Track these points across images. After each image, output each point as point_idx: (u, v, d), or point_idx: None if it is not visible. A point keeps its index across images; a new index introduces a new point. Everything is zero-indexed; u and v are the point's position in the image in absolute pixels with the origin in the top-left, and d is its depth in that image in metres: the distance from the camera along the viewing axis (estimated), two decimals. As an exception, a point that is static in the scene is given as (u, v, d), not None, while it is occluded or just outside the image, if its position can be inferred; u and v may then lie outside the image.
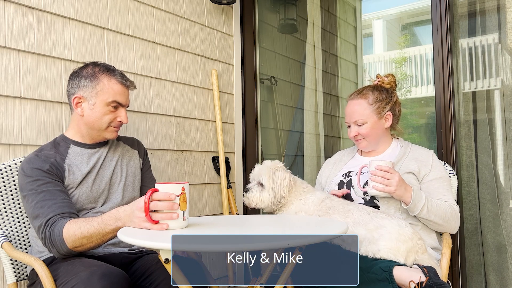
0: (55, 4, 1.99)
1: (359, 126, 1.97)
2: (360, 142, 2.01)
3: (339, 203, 1.77)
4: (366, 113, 1.95)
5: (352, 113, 1.98)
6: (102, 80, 1.70)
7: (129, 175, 1.84)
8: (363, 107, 1.96)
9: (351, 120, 1.98)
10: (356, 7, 3.92)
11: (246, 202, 1.84)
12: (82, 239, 1.47)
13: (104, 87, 1.70)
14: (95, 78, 1.70)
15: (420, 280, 1.43)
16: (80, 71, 1.74)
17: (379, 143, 2.03)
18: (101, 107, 1.70)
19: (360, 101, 1.97)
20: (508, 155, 2.36)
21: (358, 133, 1.97)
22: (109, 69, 1.74)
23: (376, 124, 1.97)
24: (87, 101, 1.71)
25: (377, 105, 1.96)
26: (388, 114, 1.99)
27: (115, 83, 1.72)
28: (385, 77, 2.05)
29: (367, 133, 1.96)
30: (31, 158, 1.64)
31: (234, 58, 2.99)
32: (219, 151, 2.76)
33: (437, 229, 1.85)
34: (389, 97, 1.99)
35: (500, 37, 2.44)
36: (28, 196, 1.56)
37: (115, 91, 1.71)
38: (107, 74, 1.72)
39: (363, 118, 1.95)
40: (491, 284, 2.35)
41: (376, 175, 1.75)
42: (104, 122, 1.72)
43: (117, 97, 1.72)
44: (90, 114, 1.71)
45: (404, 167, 1.91)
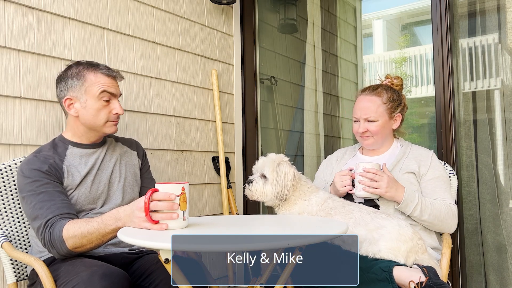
0: (55, 4, 1.99)
1: (370, 122, 1.95)
2: (367, 139, 1.99)
3: (341, 203, 1.77)
4: (379, 111, 1.95)
5: (365, 108, 1.96)
6: (88, 76, 1.70)
7: (128, 175, 1.83)
8: (377, 104, 1.95)
9: (362, 116, 1.96)
10: (356, 7, 3.92)
11: (248, 194, 1.80)
12: (82, 240, 1.47)
13: (92, 83, 1.70)
14: (81, 76, 1.70)
15: (420, 280, 1.43)
16: (65, 73, 1.73)
17: (384, 143, 2.03)
18: (93, 102, 1.70)
19: (375, 98, 1.96)
20: (508, 155, 2.36)
21: (367, 130, 1.96)
22: (93, 65, 1.74)
23: (386, 123, 1.97)
24: (78, 101, 1.70)
25: (390, 105, 1.96)
26: (398, 115, 1.99)
27: (101, 76, 1.71)
28: (394, 78, 2.04)
29: (376, 131, 1.96)
30: (30, 159, 1.64)
31: (234, 58, 2.99)
32: (219, 151, 2.76)
33: (433, 228, 1.85)
34: (399, 99, 2.00)
35: (500, 37, 2.44)
36: (27, 197, 1.56)
37: (102, 83, 1.71)
38: (92, 70, 1.72)
39: (376, 116, 1.94)
40: (491, 284, 2.35)
41: (366, 177, 1.75)
42: (101, 119, 1.72)
43: (106, 88, 1.71)
44: (85, 113, 1.71)
45: (405, 167, 1.92)
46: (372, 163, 1.80)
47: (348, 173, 1.89)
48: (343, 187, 1.87)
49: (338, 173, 1.92)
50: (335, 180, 1.92)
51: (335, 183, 1.91)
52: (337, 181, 1.91)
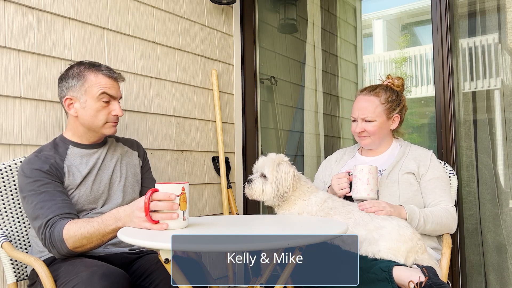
0: (55, 4, 1.99)
1: (367, 122, 1.96)
2: (364, 139, 2.00)
3: (340, 203, 1.77)
4: (377, 111, 1.95)
5: (362, 108, 1.96)
6: (89, 77, 1.70)
7: (128, 176, 1.83)
8: (374, 104, 1.95)
9: (360, 116, 1.97)
10: (356, 7, 3.92)
11: (247, 193, 1.80)
12: (82, 240, 1.47)
13: (92, 83, 1.70)
14: (81, 76, 1.70)
15: (419, 280, 1.43)
16: (67, 73, 1.74)
17: (382, 143, 2.03)
18: (93, 103, 1.70)
19: (373, 98, 1.96)
20: (508, 155, 2.36)
21: (364, 130, 1.96)
22: (94, 65, 1.74)
23: (384, 124, 1.97)
24: (78, 101, 1.70)
25: (388, 106, 1.96)
26: (396, 116, 1.99)
27: (102, 77, 1.71)
28: (395, 79, 2.04)
29: (374, 131, 1.96)
30: (30, 159, 1.64)
31: (234, 58, 2.99)
32: (219, 151, 2.76)
33: (435, 234, 1.85)
34: (398, 99, 2.00)
35: (500, 37, 2.44)
36: (28, 197, 1.56)
37: (103, 85, 1.71)
38: (93, 70, 1.72)
39: (373, 116, 1.94)
40: (491, 284, 2.35)
41: (370, 211, 1.71)
42: (100, 120, 1.72)
43: (106, 90, 1.71)
44: (84, 113, 1.71)
45: (404, 167, 1.92)
46: (368, 166, 1.80)
47: (346, 175, 1.89)
48: (341, 190, 1.88)
49: (335, 176, 1.93)
50: (332, 183, 1.93)
51: (333, 185, 1.92)
52: (334, 183, 1.91)
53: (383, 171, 1.94)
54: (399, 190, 1.86)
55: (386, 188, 1.88)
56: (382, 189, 1.88)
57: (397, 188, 1.87)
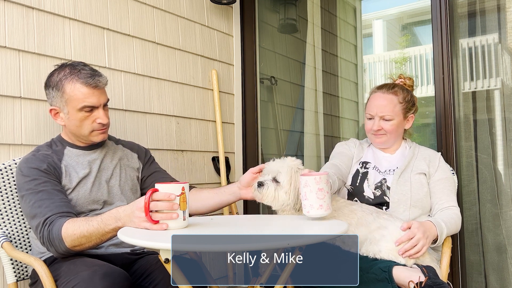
0: (55, 4, 1.99)
1: (385, 121, 1.93)
2: (381, 137, 1.96)
3: (344, 204, 1.76)
4: (396, 110, 1.93)
5: (382, 106, 1.92)
6: (66, 88, 1.63)
7: (128, 178, 1.83)
8: (394, 103, 1.93)
9: (378, 114, 1.92)
10: (356, 7, 3.92)
11: (257, 197, 1.67)
12: (81, 239, 1.47)
13: (71, 94, 1.63)
14: (60, 87, 1.64)
15: (419, 280, 1.43)
16: (49, 81, 1.68)
17: (394, 143, 2.02)
18: (75, 114, 1.65)
19: (391, 96, 1.94)
20: (508, 155, 2.36)
21: (381, 128, 1.94)
22: (73, 72, 1.65)
23: (400, 123, 1.96)
24: (62, 111, 1.67)
25: (405, 105, 1.95)
26: (411, 116, 1.99)
27: (79, 87, 1.63)
28: (407, 79, 2.03)
29: (391, 130, 1.94)
30: (28, 158, 1.63)
31: (234, 58, 2.99)
32: (219, 151, 2.76)
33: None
34: (412, 100, 1.99)
35: (500, 37, 2.44)
36: (26, 196, 1.56)
37: (82, 97, 1.63)
38: (71, 80, 1.63)
39: (392, 114, 1.92)
40: (491, 284, 2.35)
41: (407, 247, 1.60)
42: (85, 129, 1.68)
43: (86, 102, 1.64)
44: (69, 123, 1.69)
45: (415, 168, 1.92)
46: (313, 176, 1.47)
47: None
48: None
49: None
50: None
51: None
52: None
53: (395, 170, 1.94)
54: (410, 190, 1.86)
55: (398, 187, 1.87)
56: (394, 188, 1.88)
57: (409, 188, 1.87)
